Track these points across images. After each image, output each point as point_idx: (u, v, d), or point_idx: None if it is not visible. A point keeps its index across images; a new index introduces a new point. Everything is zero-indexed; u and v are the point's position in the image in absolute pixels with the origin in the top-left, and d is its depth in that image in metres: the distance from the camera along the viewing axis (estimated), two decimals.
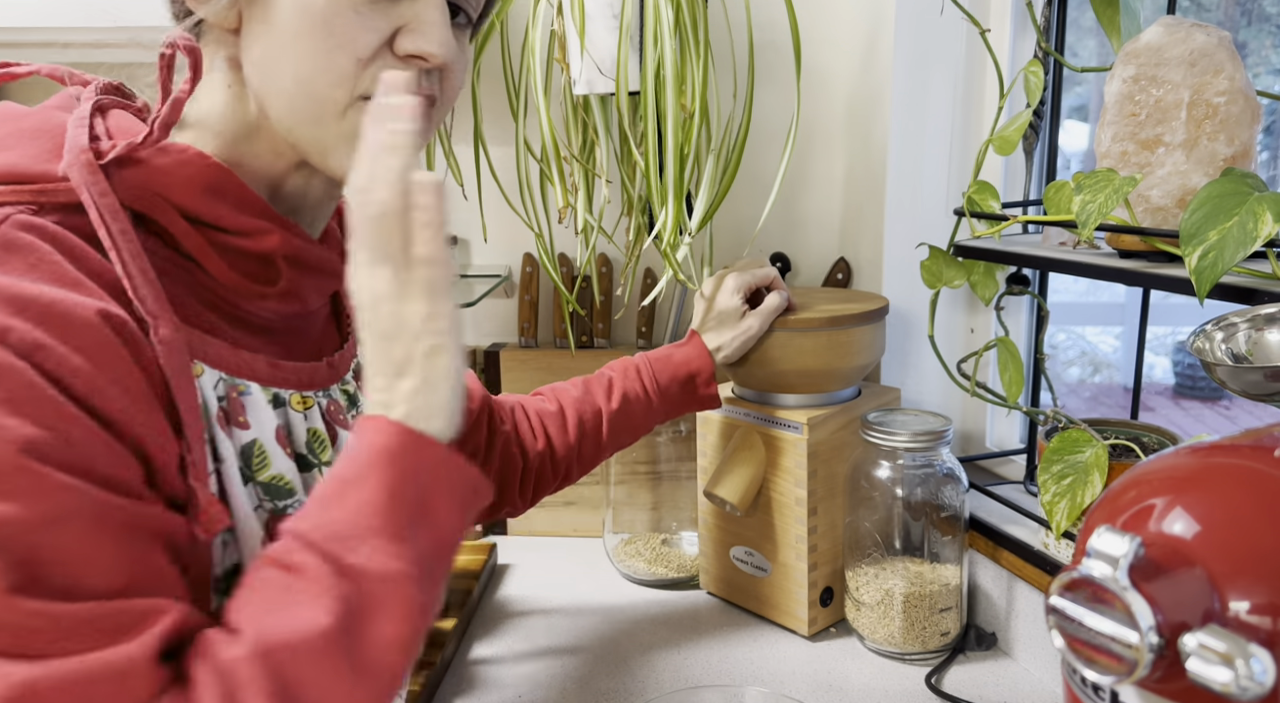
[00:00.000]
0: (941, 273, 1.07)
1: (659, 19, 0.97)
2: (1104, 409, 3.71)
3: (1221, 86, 0.81)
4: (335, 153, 0.62)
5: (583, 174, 1.13)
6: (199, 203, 0.59)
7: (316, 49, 0.59)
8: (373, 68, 0.60)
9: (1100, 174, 0.83)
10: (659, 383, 1.04)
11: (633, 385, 1.03)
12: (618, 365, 1.05)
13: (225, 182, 0.60)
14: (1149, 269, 0.84)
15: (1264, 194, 0.73)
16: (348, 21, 0.59)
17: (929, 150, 1.21)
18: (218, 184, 0.60)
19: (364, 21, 0.59)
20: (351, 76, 0.60)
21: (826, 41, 1.26)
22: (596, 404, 1.02)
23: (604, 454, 1.04)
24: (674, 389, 1.04)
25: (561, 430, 1.02)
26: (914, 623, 1.03)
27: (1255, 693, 0.39)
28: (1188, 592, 0.42)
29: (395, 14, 0.60)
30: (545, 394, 1.05)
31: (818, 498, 1.07)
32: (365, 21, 0.59)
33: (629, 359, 1.06)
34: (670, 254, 1.02)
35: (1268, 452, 0.47)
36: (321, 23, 0.59)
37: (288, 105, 0.61)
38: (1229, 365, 0.59)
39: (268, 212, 0.62)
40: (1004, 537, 1.04)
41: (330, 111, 0.60)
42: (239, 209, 0.60)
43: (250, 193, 0.61)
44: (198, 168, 0.59)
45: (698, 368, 1.05)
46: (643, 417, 1.04)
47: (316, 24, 0.59)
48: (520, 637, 1.12)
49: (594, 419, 1.02)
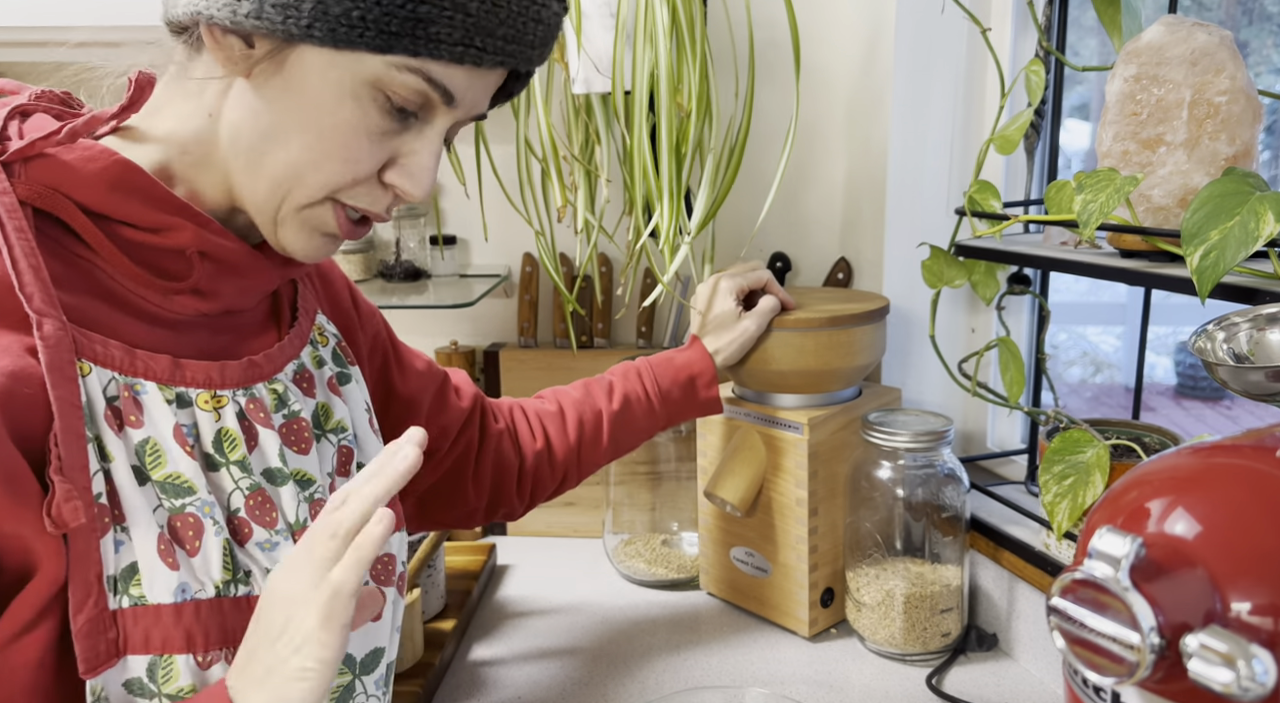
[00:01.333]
0: (942, 273, 1.06)
1: (653, 18, 0.97)
2: (1105, 409, 3.71)
3: (1223, 86, 0.81)
4: (285, 232, 0.64)
5: (583, 173, 1.13)
6: (104, 199, 0.59)
7: (325, 155, 0.60)
8: (359, 188, 0.63)
9: (1101, 173, 0.83)
10: (660, 386, 1.03)
11: (634, 387, 1.03)
12: (618, 369, 1.05)
13: (133, 178, 0.60)
14: (1150, 269, 0.84)
15: (1265, 194, 0.73)
16: (362, 144, 0.61)
17: (930, 150, 1.21)
18: (124, 180, 0.59)
19: (373, 149, 0.61)
20: (342, 187, 0.62)
21: (827, 40, 1.26)
22: (597, 405, 1.02)
23: (603, 458, 1.03)
24: (675, 392, 1.04)
25: (561, 431, 1.01)
26: (915, 624, 1.03)
27: (1257, 694, 0.39)
28: (1189, 592, 0.42)
29: (397, 143, 0.62)
30: (546, 396, 1.04)
31: (818, 498, 1.07)
32: (374, 149, 0.61)
33: (630, 363, 1.05)
34: (666, 255, 1.02)
35: (1269, 452, 0.46)
36: (338, 136, 0.60)
37: (265, 182, 0.62)
38: (1231, 365, 0.59)
39: (182, 208, 0.61)
40: (1005, 537, 1.04)
41: (302, 201, 0.62)
42: (149, 205, 0.60)
43: (162, 189, 0.61)
44: (103, 165, 0.59)
45: (699, 370, 1.05)
46: (644, 419, 1.03)
47: (333, 135, 0.60)
48: (520, 637, 1.12)
49: (594, 420, 1.01)
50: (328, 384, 0.74)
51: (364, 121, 0.60)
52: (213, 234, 0.63)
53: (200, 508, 0.60)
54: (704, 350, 1.05)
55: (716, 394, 1.06)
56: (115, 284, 0.61)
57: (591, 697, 0.99)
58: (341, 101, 0.59)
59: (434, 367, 0.94)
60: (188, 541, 0.59)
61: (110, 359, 0.59)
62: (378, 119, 0.60)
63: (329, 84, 0.59)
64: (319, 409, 0.72)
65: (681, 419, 1.07)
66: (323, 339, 0.76)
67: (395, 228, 1.33)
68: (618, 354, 1.33)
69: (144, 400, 0.60)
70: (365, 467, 0.60)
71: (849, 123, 1.28)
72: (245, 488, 0.63)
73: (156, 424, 0.60)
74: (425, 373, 0.92)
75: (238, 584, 0.61)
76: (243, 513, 0.63)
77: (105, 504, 0.56)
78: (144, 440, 0.59)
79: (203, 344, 0.65)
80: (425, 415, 0.90)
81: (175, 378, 0.62)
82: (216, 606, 0.59)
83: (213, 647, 0.59)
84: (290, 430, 0.68)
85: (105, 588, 0.56)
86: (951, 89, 1.19)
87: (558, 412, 1.02)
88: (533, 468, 1.00)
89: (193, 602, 0.58)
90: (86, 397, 0.57)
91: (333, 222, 0.64)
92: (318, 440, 0.71)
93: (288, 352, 0.71)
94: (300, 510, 0.66)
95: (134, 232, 0.61)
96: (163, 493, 0.59)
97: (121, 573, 0.57)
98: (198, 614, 0.58)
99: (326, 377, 0.74)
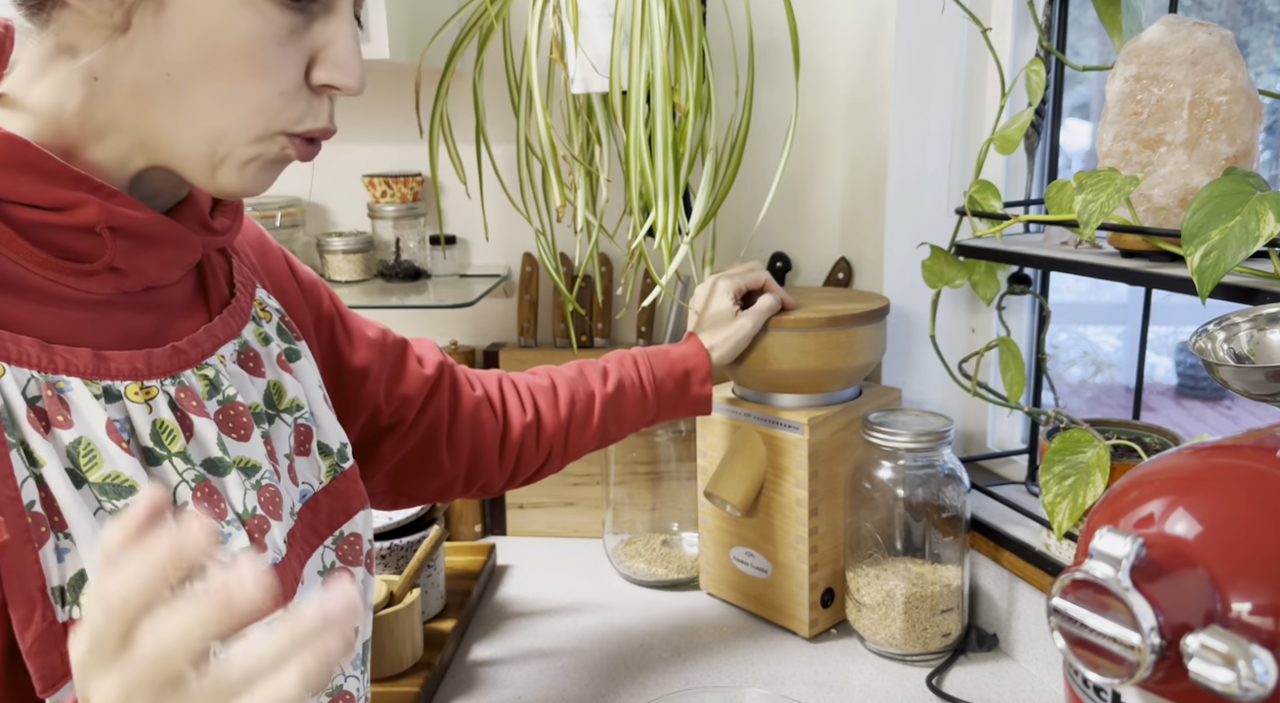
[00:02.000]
0: (943, 272, 1.06)
1: (649, 18, 0.96)
2: (1106, 409, 3.70)
3: (1223, 85, 0.81)
4: (228, 170, 0.59)
5: (583, 173, 1.13)
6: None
7: (237, 76, 0.56)
8: (292, 102, 0.58)
9: (1102, 173, 0.83)
10: (655, 375, 1.02)
11: (629, 373, 1.02)
12: (614, 355, 1.04)
13: (23, 152, 0.54)
14: (1151, 269, 0.84)
15: (1266, 193, 0.73)
16: (272, 54, 0.56)
17: (930, 149, 1.21)
18: (12, 156, 0.54)
19: (287, 54, 0.57)
20: (272, 108, 0.57)
21: (827, 40, 1.26)
22: (591, 386, 1.00)
23: (590, 442, 1.01)
24: (669, 384, 1.03)
25: (552, 405, 0.99)
26: (915, 624, 1.03)
27: (1257, 694, 0.39)
28: (1190, 593, 0.42)
29: (309, 41, 0.58)
30: (539, 372, 1.02)
31: (818, 499, 1.07)
32: (288, 54, 0.57)
33: (626, 351, 1.05)
34: (665, 255, 1.02)
35: (1270, 452, 0.46)
36: (245, 53, 0.55)
37: (189, 130, 0.57)
38: (1231, 365, 0.59)
39: (81, 180, 0.56)
40: (1005, 537, 1.04)
41: (243, 135, 0.58)
42: (45, 181, 0.55)
43: (56, 162, 0.55)
44: None
45: (694, 365, 1.04)
46: (636, 407, 1.02)
47: (239, 54, 0.55)
48: (520, 637, 1.12)
49: (586, 400, 1.00)
50: (277, 361, 0.70)
51: (266, 27, 0.55)
52: (120, 206, 0.58)
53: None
54: (700, 346, 1.05)
55: (709, 392, 1.05)
56: (20, 270, 0.56)
57: (591, 697, 0.99)
58: (234, 15, 0.55)
59: (390, 336, 0.90)
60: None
61: (25, 356, 0.54)
62: (278, 18, 0.56)
63: (215, 2, 0.54)
64: (271, 388, 0.69)
65: (673, 415, 1.05)
66: (265, 315, 0.72)
67: (395, 228, 1.33)
68: None
69: (70, 398, 0.56)
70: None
71: (849, 122, 1.28)
72: (191, 480, 0.60)
73: (88, 422, 0.56)
74: (378, 342, 0.87)
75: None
76: (191, 506, 0.60)
77: (41, 512, 0.53)
78: (76, 441, 0.55)
79: (127, 326, 0.61)
80: (383, 386, 0.86)
81: (99, 371, 0.58)
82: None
83: None
84: (227, 417, 0.64)
85: (51, 600, 0.53)
86: (952, 89, 1.19)
87: (550, 387, 1.00)
88: (518, 439, 0.97)
89: None
90: (4, 400, 0.53)
91: (290, 151, 0.60)
92: (270, 422, 0.68)
93: (219, 333, 0.67)
94: (248, 499, 0.63)
95: (31, 211, 0.55)
96: (103, 494, 0.56)
97: (70, 583, 0.54)
98: None
99: (275, 354, 0.71)
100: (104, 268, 0.58)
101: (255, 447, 0.65)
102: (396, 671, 1.01)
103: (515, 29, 1.26)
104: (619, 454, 1.26)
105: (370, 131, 1.37)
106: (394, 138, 1.37)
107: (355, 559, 0.73)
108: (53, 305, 0.57)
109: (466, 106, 1.16)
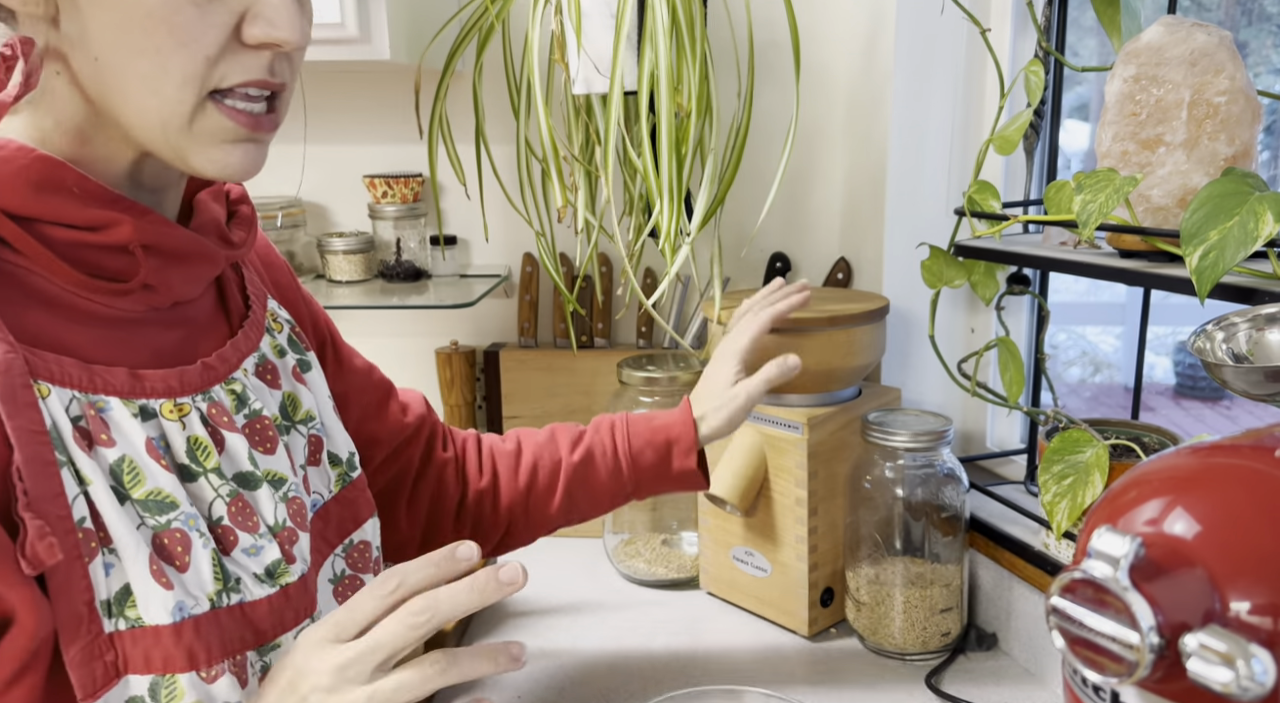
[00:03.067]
0: (942, 273, 1.07)
1: (654, 19, 0.97)
2: (1105, 409, 3.71)
3: (1222, 86, 0.81)
4: (193, 154, 0.58)
5: (583, 174, 1.13)
6: (30, 202, 0.54)
7: (159, 49, 0.54)
8: (223, 64, 0.56)
9: (1101, 174, 0.83)
10: (631, 444, 0.91)
11: (602, 440, 0.92)
12: (595, 420, 0.95)
13: (58, 174, 0.54)
14: (1150, 269, 0.84)
15: (1265, 194, 0.73)
16: (188, 18, 0.54)
17: (929, 150, 1.21)
18: (49, 178, 0.54)
19: (205, 15, 0.54)
20: (200, 76, 0.55)
21: (827, 41, 1.26)
22: (558, 454, 0.92)
23: (557, 515, 0.93)
24: (648, 455, 0.91)
25: (512, 472, 0.92)
26: (914, 623, 1.03)
27: (1256, 693, 0.39)
28: (1188, 592, 0.42)
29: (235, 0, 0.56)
30: (510, 436, 0.95)
31: (818, 498, 1.07)
32: (206, 15, 0.54)
33: (610, 415, 0.95)
34: (666, 255, 1.02)
35: (1268, 452, 0.46)
36: (160, 20, 0.53)
37: (134, 108, 0.55)
38: (1230, 365, 0.59)
39: (116, 200, 0.56)
40: (1004, 537, 1.04)
41: (179, 113, 0.56)
42: (81, 202, 0.55)
43: (91, 182, 0.55)
44: (22, 164, 0.53)
45: (677, 434, 0.91)
46: (608, 480, 0.92)
47: (155, 22, 0.53)
48: (520, 637, 1.12)
49: (551, 468, 0.91)
50: (292, 373, 0.71)
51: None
52: (153, 224, 0.58)
53: (185, 522, 0.57)
54: (688, 414, 0.93)
55: (693, 465, 0.92)
56: (56, 290, 0.56)
57: (591, 697, 0.99)
58: None
59: (377, 373, 0.89)
60: (177, 556, 0.57)
61: (68, 377, 0.55)
62: None
63: None
64: (286, 400, 0.69)
65: (658, 490, 0.94)
66: (277, 326, 0.72)
67: (396, 228, 1.33)
68: (618, 354, 1.33)
69: (109, 417, 0.56)
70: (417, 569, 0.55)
71: (849, 123, 1.28)
72: (225, 495, 0.61)
73: (130, 441, 0.57)
74: (363, 373, 0.87)
75: (229, 593, 0.59)
76: (226, 521, 0.60)
77: (90, 528, 0.54)
78: (119, 459, 0.56)
79: (156, 343, 0.61)
80: (356, 416, 0.84)
81: (135, 390, 0.58)
82: (213, 618, 0.58)
83: (215, 661, 0.57)
84: (254, 431, 0.65)
85: (100, 613, 0.54)
86: (951, 89, 1.19)
87: (514, 451, 0.93)
88: (473, 504, 0.92)
89: (190, 619, 0.56)
90: (52, 420, 0.53)
91: (228, 122, 0.57)
92: (286, 433, 0.68)
93: (242, 347, 0.67)
94: (279, 512, 0.64)
95: (67, 232, 0.55)
96: (145, 511, 0.56)
97: (115, 596, 0.54)
98: (197, 631, 0.56)
99: (290, 366, 0.71)
100: (139, 286, 0.59)
101: (281, 459, 0.66)
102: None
103: (515, 29, 1.26)
104: None
105: (371, 132, 1.37)
106: (394, 138, 1.37)
107: (365, 566, 0.73)
108: (88, 325, 0.57)
109: (466, 107, 1.16)
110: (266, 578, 0.62)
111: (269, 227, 1.29)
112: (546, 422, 1.04)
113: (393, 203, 1.32)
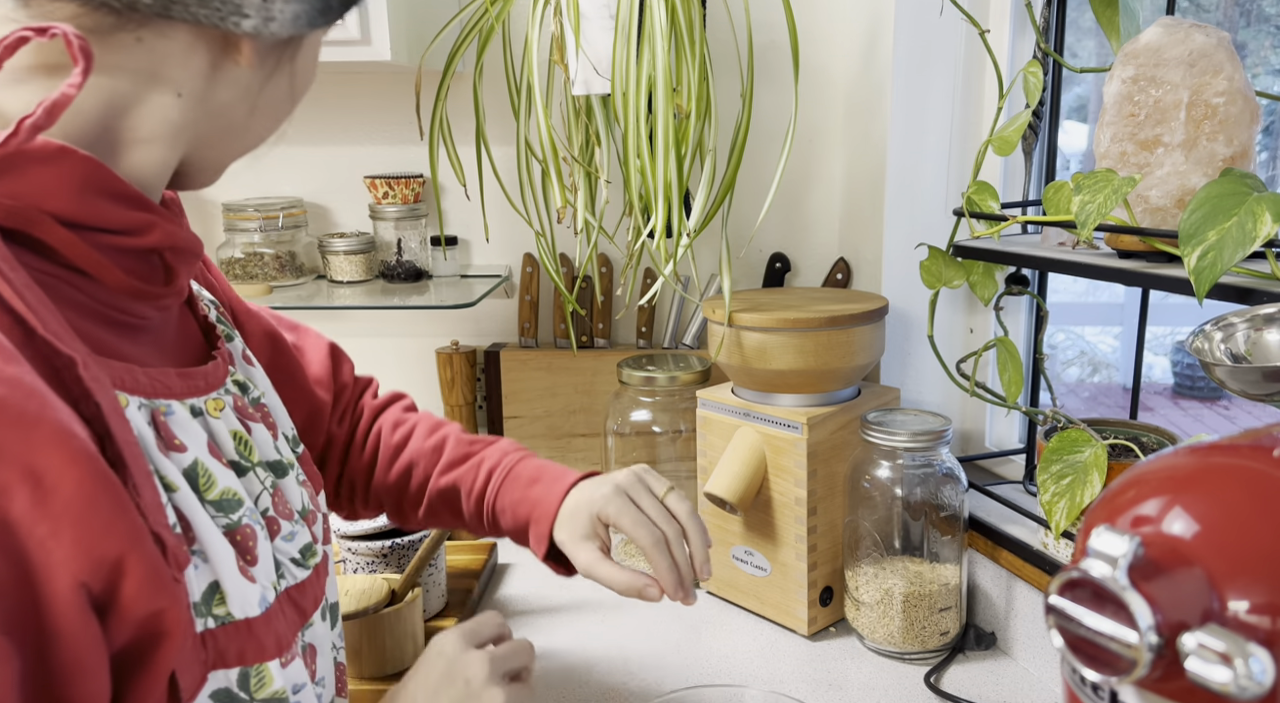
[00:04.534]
0: (941, 273, 1.07)
1: (652, 20, 0.97)
2: (1103, 409, 3.71)
3: (1220, 87, 0.81)
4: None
5: (583, 174, 1.13)
6: (77, 205, 0.51)
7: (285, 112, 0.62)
8: None
9: (1099, 174, 0.83)
10: (497, 500, 0.87)
11: (475, 478, 0.88)
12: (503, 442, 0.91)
13: (100, 175, 0.52)
14: (1148, 269, 0.84)
15: (1263, 194, 0.73)
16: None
17: (928, 150, 1.21)
18: (93, 179, 0.51)
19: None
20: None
21: (826, 42, 1.27)
22: (431, 468, 0.89)
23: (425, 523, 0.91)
24: (507, 518, 0.86)
25: (386, 465, 0.91)
26: (913, 623, 1.03)
27: (1254, 693, 0.39)
28: (1187, 591, 0.42)
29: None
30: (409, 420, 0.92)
31: (817, 498, 1.07)
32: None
33: (512, 449, 0.90)
34: (664, 255, 1.02)
35: (1267, 452, 0.47)
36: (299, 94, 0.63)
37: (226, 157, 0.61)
38: (1228, 365, 0.59)
39: (147, 203, 0.55)
40: (1003, 536, 1.05)
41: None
42: (122, 205, 0.53)
43: (126, 184, 0.53)
44: (68, 164, 0.50)
45: (539, 516, 0.84)
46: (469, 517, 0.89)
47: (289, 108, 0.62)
48: (520, 637, 1.12)
49: (421, 479, 0.90)
50: (242, 356, 0.69)
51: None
52: (174, 226, 0.57)
53: (252, 517, 0.58)
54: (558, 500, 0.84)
55: (542, 556, 0.85)
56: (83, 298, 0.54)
57: (591, 696, 1.00)
58: (315, 66, 0.63)
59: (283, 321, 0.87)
60: (250, 551, 0.57)
61: (136, 384, 0.53)
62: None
63: (313, 58, 0.62)
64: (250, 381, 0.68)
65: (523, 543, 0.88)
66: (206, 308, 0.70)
67: (397, 229, 1.33)
68: (618, 354, 1.33)
69: (172, 421, 0.55)
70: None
71: (848, 124, 1.29)
72: (269, 486, 0.62)
73: (197, 443, 0.56)
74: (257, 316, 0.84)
75: (282, 580, 0.60)
76: (271, 511, 0.61)
77: (180, 534, 0.53)
78: (193, 464, 0.55)
79: (168, 342, 0.61)
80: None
81: (186, 390, 0.58)
82: (280, 607, 0.59)
83: (285, 648, 0.58)
84: (264, 417, 0.65)
85: (194, 615, 0.53)
86: (950, 90, 1.20)
87: (396, 444, 0.90)
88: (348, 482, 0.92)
89: (271, 609, 0.57)
90: (137, 430, 0.52)
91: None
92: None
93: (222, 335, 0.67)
94: (303, 496, 0.65)
95: (109, 237, 0.53)
96: (218, 511, 0.56)
97: (203, 596, 0.54)
98: (275, 619, 0.58)
99: (240, 348, 0.70)
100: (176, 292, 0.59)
101: (282, 443, 0.66)
102: (398, 669, 1.01)
103: (515, 31, 1.26)
104: (618, 454, 1.26)
105: (371, 133, 1.38)
106: (395, 139, 1.37)
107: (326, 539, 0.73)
108: (116, 331, 0.56)
109: (467, 108, 1.16)
110: (302, 561, 0.63)
111: (270, 227, 1.29)
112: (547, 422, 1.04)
113: (394, 203, 1.33)
